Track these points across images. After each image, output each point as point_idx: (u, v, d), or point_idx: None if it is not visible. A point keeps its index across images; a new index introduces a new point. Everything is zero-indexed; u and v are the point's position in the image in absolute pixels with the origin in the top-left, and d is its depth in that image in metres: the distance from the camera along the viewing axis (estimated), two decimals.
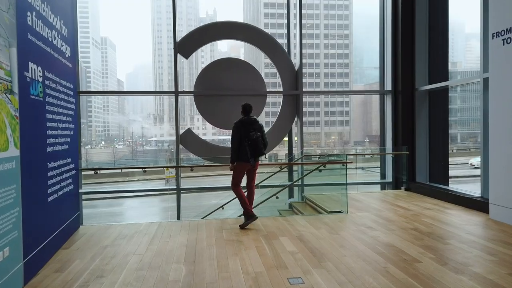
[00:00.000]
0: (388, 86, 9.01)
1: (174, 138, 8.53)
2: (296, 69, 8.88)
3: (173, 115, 8.59)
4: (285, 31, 9.41)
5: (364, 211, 6.44)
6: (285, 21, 9.52)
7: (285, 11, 9.28)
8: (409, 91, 8.64)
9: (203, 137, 9.25)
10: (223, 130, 8.80)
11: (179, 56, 8.48)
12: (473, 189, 7.12)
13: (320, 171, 6.81)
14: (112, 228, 5.55)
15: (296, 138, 10.38)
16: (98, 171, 7.02)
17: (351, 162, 6.37)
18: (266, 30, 9.15)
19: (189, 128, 8.64)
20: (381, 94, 9.38)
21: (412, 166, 8.56)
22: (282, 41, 9.41)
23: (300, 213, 7.40)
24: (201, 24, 8.73)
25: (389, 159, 9.07)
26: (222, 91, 8.52)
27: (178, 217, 8.28)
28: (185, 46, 8.52)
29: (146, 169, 6.22)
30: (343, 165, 6.35)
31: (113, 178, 37.84)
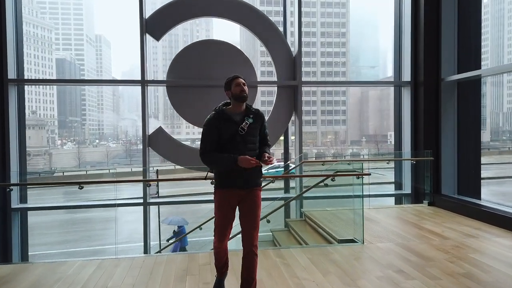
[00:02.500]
0: (406, 77, 7.37)
1: None
2: (294, 56, 7.23)
3: (169, 113, 6.97)
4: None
5: (385, 239, 4.80)
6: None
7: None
8: (433, 82, 7.00)
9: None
10: None
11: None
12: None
13: (326, 185, 5.16)
14: (29, 270, 3.86)
15: (293, 137, 8.76)
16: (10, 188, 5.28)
17: (369, 174, 4.72)
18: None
19: (160, 127, 6.97)
20: (396, 86, 7.74)
21: (436, 175, 6.93)
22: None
23: (298, 238, 5.73)
24: None
25: (407, 166, 7.43)
26: (201, 80, 6.84)
27: (145, 246, 6.57)
28: (156, 25, 6.84)
29: (83, 186, 4.56)
30: (358, 177, 4.70)
31: (103, 179, 36.10)
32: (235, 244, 4.19)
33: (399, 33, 7.64)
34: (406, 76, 7.37)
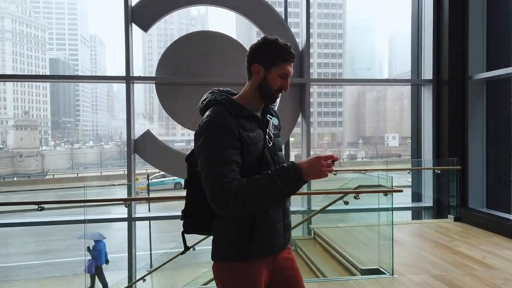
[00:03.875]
0: (427, 75, 6.54)
1: (162, 138, 6.09)
2: (301, 49, 6.37)
3: (164, 114, 6.06)
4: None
5: (418, 268, 3.94)
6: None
7: None
8: (459, 81, 6.17)
9: None
10: None
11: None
12: None
13: (346, 203, 4.31)
14: None
15: (292, 139, 7.97)
16: None
17: (401, 191, 3.88)
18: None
19: (148, 130, 6.09)
20: (414, 85, 6.91)
21: (462, 186, 6.10)
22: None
23: (310, 263, 4.86)
24: None
25: (427, 176, 6.58)
26: (194, 77, 5.97)
27: (130, 270, 5.66)
28: (144, 13, 5.96)
29: (43, 206, 3.67)
30: (386, 195, 3.85)
31: (95, 182, 35.31)
32: None
33: (418, 26, 6.82)
34: (427, 74, 6.54)
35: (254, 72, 1.62)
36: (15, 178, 49.12)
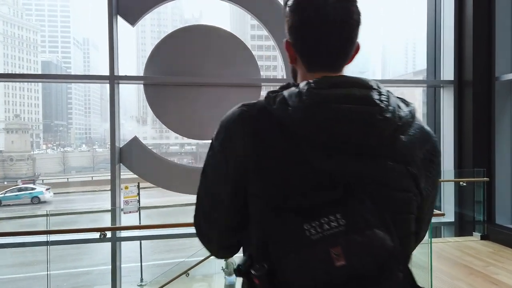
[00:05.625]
0: (447, 75, 5.89)
1: (156, 141, 5.43)
2: None
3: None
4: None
5: None
6: None
7: None
8: (485, 82, 5.53)
9: None
10: None
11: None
12: None
13: None
14: None
15: None
16: None
17: (443, 215, 3.20)
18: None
19: (135, 137, 5.37)
20: (431, 86, 6.26)
21: (489, 200, 5.44)
22: None
23: None
24: None
25: (448, 188, 5.92)
26: (187, 77, 5.26)
27: None
28: (131, 5, 5.26)
29: None
30: None
31: (87, 187, 34.54)
32: None
33: (435, 23, 6.18)
34: (447, 74, 5.89)
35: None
36: (5, 183, 48.09)
